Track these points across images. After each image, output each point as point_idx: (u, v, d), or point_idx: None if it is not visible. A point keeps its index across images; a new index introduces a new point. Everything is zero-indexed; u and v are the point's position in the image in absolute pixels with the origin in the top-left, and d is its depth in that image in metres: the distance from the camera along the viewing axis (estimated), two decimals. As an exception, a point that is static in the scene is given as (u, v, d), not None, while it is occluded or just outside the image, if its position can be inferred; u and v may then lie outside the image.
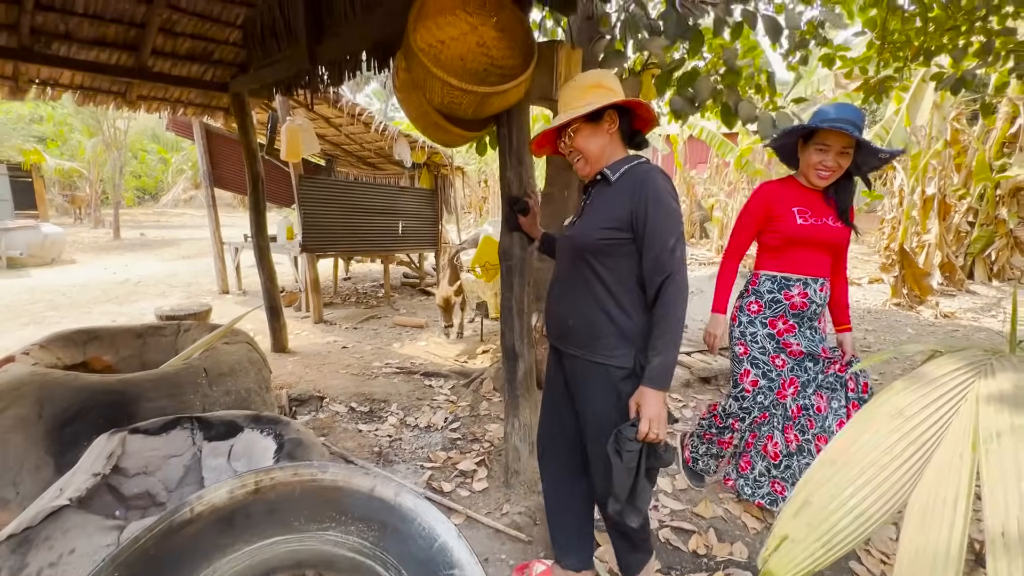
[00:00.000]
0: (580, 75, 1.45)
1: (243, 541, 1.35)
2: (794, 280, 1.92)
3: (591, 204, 1.46)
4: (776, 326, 1.98)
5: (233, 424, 2.06)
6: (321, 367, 3.80)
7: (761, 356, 2.01)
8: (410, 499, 1.48)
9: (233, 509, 1.34)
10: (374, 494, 1.48)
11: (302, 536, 1.42)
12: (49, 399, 2.02)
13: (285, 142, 4.57)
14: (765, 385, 2.03)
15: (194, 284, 7.26)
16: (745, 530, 2.13)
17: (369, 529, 1.46)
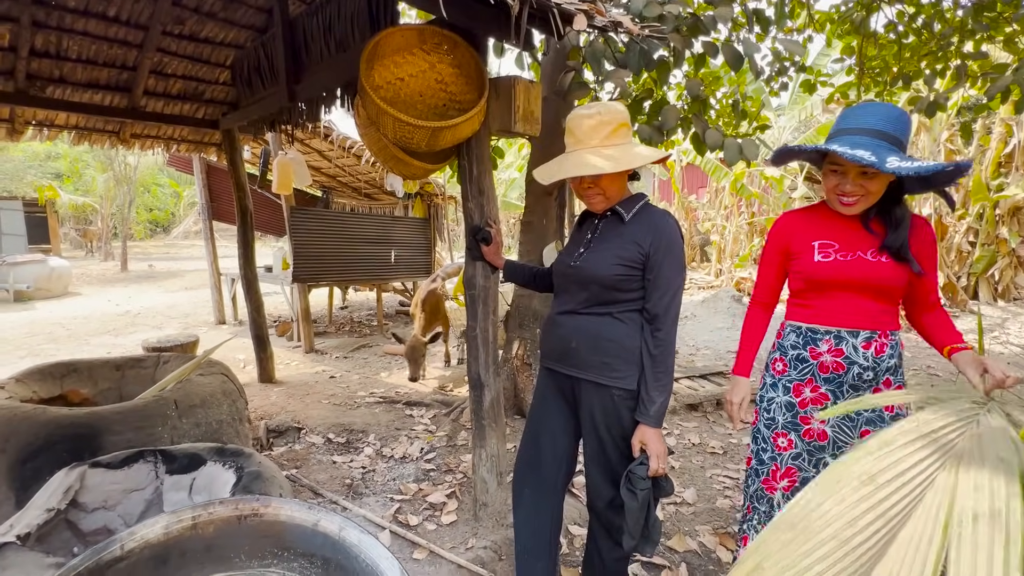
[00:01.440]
0: (599, 107, 1.40)
1: None
2: (821, 333, 1.43)
3: (601, 238, 1.48)
4: (801, 393, 1.48)
5: (196, 456, 2.06)
6: (304, 397, 3.79)
7: (765, 430, 1.56)
8: (355, 534, 1.46)
9: (168, 545, 1.33)
10: (318, 528, 1.46)
11: (243, 574, 1.40)
12: (14, 433, 2.03)
13: (277, 175, 4.69)
14: (754, 468, 1.61)
15: (192, 315, 7.34)
16: (719, 565, 2.06)
17: (312, 565, 1.43)
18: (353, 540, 1.45)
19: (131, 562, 1.26)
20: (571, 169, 1.41)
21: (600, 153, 1.39)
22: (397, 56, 1.96)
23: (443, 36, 1.92)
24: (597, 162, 1.39)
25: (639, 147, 1.46)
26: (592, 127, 1.40)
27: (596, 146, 1.40)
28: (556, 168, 1.46)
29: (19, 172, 15.06)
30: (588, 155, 1.40)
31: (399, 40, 1.89)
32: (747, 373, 1.60)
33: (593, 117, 1.40)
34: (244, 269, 4.02)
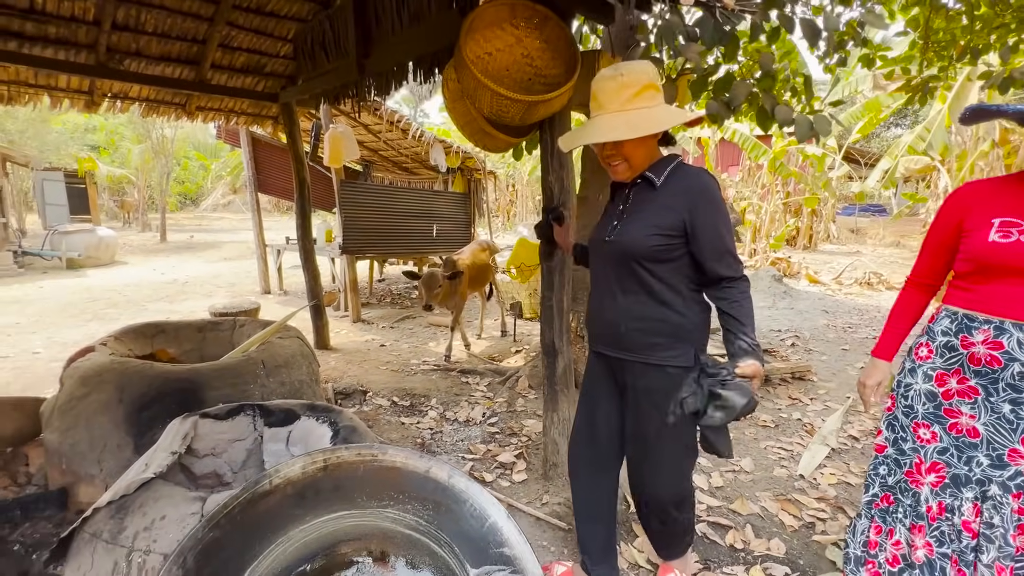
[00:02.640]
0: (623, 68, 1.32)
1: (313, 514, 1.48)
2: (979, 322, 1.30)
3: (633, 208, 1.41)
4: (945, 383, 1.38)
5: (291, 412, 2.22)
6: (361, 363, 3.96)
7: (904, 417, 1.46)
8: (462, 481, 1.59)
9: (305, 484, 1.47)
10: (429, 475, 1.59)
11: (364, 512, 1.54)
12: (129, 384, 2.21)
13: (328, 148, 4.79)
14: (893, 456, 1.51)
15: (237, 284, 7.60)
16: (782, 527, 2.16)
17: (424, 508, 1.57)
18: (461, 487, 1.58)
19: (277, 496, 1.40)
20: (589, 135, 1.34)
21: (619, 118, 1.31)
22: (486, 31, 2.00)
23: (534, 11, 1.96)
24: (613, 127, 1.30)
25: (665, 110, 1.35)
26: (613, 90, 1.31)
27: (617, 110, 1.32)
28: (577, 135, 1.41)
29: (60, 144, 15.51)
30: (607, 120, 1.32)
31: (491, 15, 1.93)
32: (889, 357, 1.51)
33: (615, 79, 1.30)
34: (302, 240, 4.17)
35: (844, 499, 2.38)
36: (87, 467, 2.12)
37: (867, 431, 3.10)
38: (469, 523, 1.54)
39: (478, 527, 1.54)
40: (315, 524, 1.47)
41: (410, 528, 1.55)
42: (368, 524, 1.54)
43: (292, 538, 1.43)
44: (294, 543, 1.43)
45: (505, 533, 1.52)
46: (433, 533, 1.54)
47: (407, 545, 1.55)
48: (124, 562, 1.46)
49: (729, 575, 1.87)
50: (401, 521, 1.56)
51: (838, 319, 5.62)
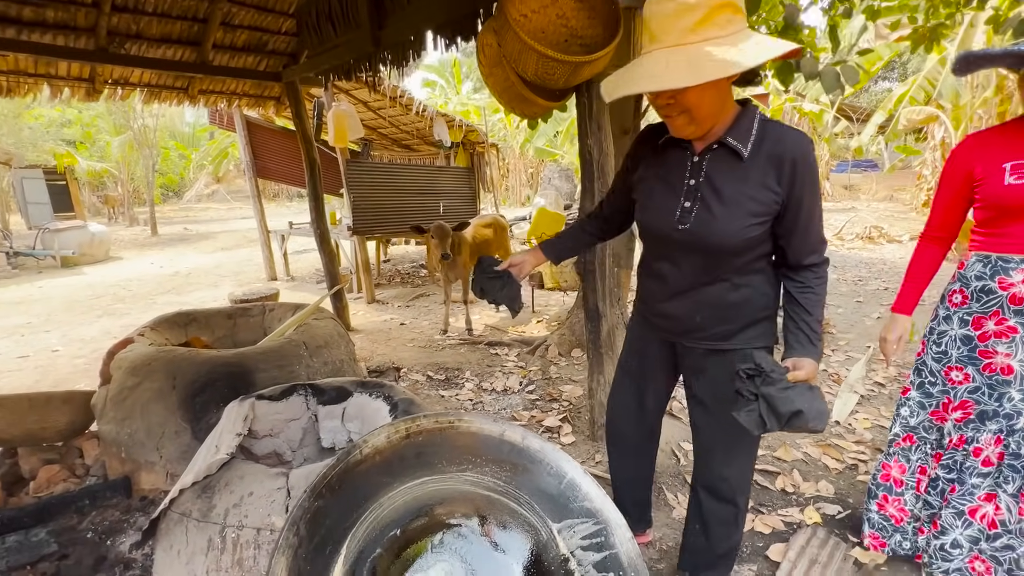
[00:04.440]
0: None
1: (399, 480, 1.52)
2: (1016, 263, 1.34)
3: (715, 185, 1.13)
4: (982, 326, 1.41)
5: (343, 389, 2.24)
6: (387, 342, 3.99)
7: (934, 363, 1.52)
8: (536, 441, 1.63)
9: (391, 452, 1.50)
10: (504, 438, 1.63)
11: (444, 477, 1.58)
12: (179, 372, 2.21)
13: (332, 127, 4.70)
14: (916, 399, 1.59)
15: (241, 273, 7.53)
16: (827, 470, 2.25)
17: (501, 469, 1.61)
18: (536, 447, 1.63)
19: (367, 465, 1.43)
20: (636, 79, 1.01)
21: (678, 54, 0.98)
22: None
23: (570, -32, 1.92)
24: (669, 69, 0.97)
25: (744, 40, 0.98)
26: (671, 14, 0.98)
27: (675, 44, 0.98)
28: (622, 79, 1.06)
29: (35, 140, 15.02)
30: (662, 57, 0.99)
31: (527, -26, 1.89)
32: (909, 311, 1.55)
33: (672, 1, 0.97)
34: (317, 223, 4.12)
35: (880, 441, 2.48)
36: (146, 454, 2.14)
37: (891, 377, 3.19)
38: (547, 481, 1.59)
39: (556, 484, 1.59)
40: (401, 490, 1.51)
41: (489, 489, 1.60)
42: (449, 488, 1.58)
43: (383, 504, 1.47)
44: (385, 509, 1.47)
45: (584, 488, 1.57)
46: (512, 493, 1.59)
47: (487, 505, 1.59)
48: (218, 537, 1.50)
49: (784, 516, 1.95)
50: (480, 483, 1.60)
51: (847, 273, 5.72)
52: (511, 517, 1.58)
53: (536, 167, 17.20)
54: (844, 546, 1.78)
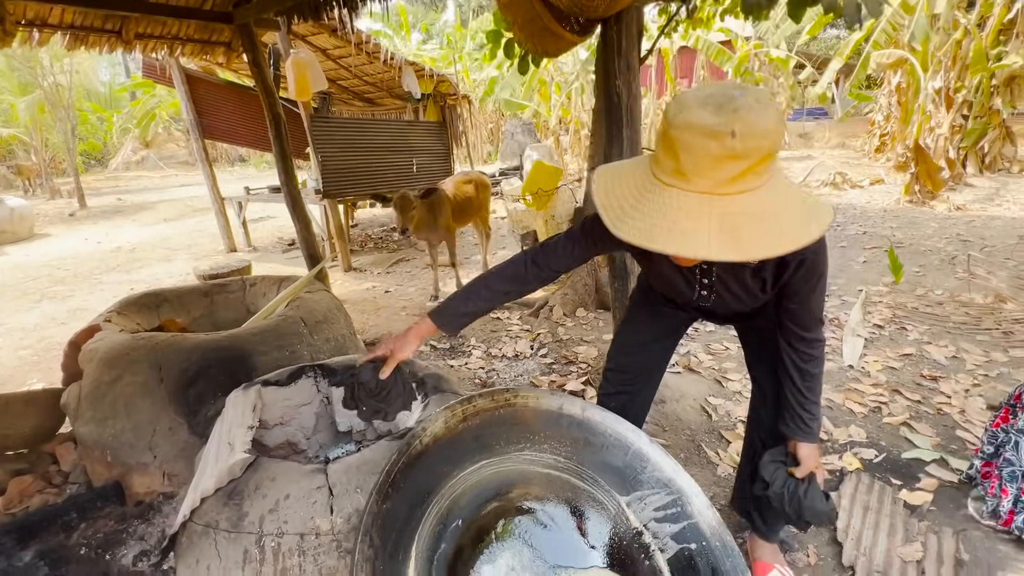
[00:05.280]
0: (737, 121, 0.76)
1: (458, 468, 1.37)
2: None
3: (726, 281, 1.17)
4: None
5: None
6: (377, 312, 3.75)
7: None
8: (597, 413, 1.51)
9: (449, 438, 1.35)
10: (563, 412, 1.50)
11: (503, 459, 1.45)
12: (165, 362, 1.95)
13: (293, 79, 4.21)
14: None
15: (195, 245, 6.93)
16: (853, 415, 2.27)
17: (561, 445, 1.49)
18: (596, 419, 1.51)
19: (428, 453, 1.28)
20: (666, 237, 0.82)
21: (715, 207, 0.81)
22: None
23: None
24: (710, 241, 0.80)
25: (790, 203, 0.85)
26: (712, 158, 0.79)
27: (710, 191, 0.81)
28: (641, 227, 0.85)
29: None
30: (694, 206, 0.82)
31: None
32: None
33: (719, 139, 0.77)
34: (287, 186, 3.73)
35: (895, 382, 2.52)
36: (137, 455, 1.89)
37: (887, 319, 3.27)
38: (611, 453, 1.49)
39: (621, 456, 1.48)
40: (461, 478, 1.37)
41: (549, 467, 1.48)
42: (509, 469, 1.45)
43: (444, 495, 1.33)
44: (446, 499, 1.33)
45: (652, 458, 1.48)
46: (574, 468, 1.48)
47: (546, 484, 1.48)
48: (255, 548, 1.31)
49: (826, 464, 1.95)
50: (539, 461, 1.48)
51: (824, 219, 5.81)
52: (574, 494, 1.47)
53: (496, 122, 16.60)
54: (890, 490, 1.79)
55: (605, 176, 0.96)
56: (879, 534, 1.59)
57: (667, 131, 0.82)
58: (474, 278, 1.31)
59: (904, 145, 7.46)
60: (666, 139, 0.83)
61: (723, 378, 2.59)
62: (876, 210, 6.34)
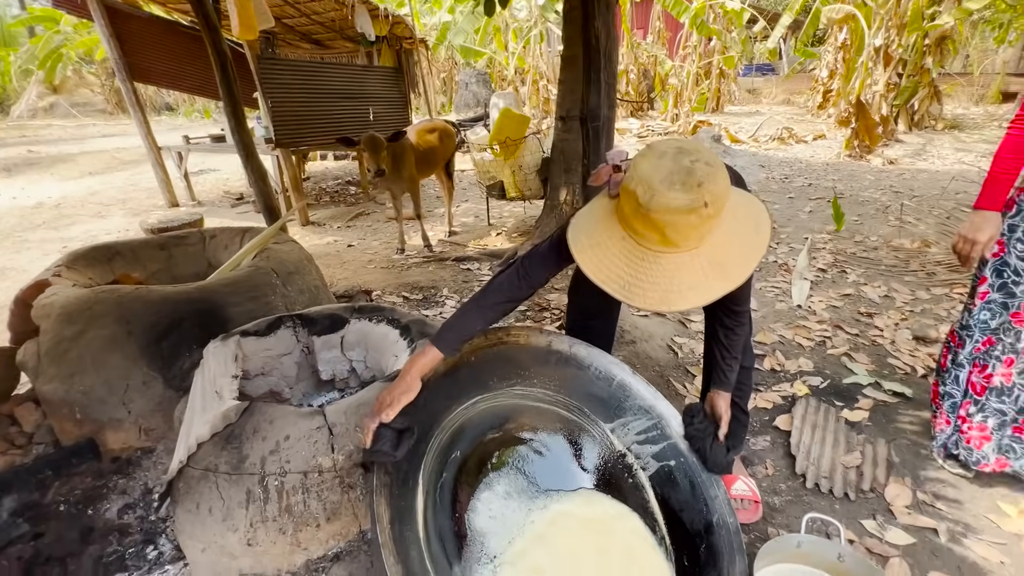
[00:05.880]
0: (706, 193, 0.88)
1: (456, 403, 1.43)
2: None
3: None
4: None
5: (337, 317, 2.03)
6: (342, 266, 3.67)
7: (1019, 261, 1.46)
8: (583, 349, 1.60)
9: (447, 375, 1.39)
10: (552, 348, 1.58)
11: (495, 394, 1.52)
12: (132, 315, 1.87)
13: (236, 15, 3.84)
14: (998, 301, 1.52)
15: (129, 200, 6.40)
16: (802, 348, 2.50)
17: (550, 380, 1.57)
18: (583, 354, 1.60)
19: (428, 388, 1.30)
20: (685, 301, 0.96)
21: (700, 259, 0.95)
22: None
23: None
24: (705, 280, 0.95)
25: (742, 228, 0.99)
26: (693, 225, 0.91)
27: (694, 248, 0.95)
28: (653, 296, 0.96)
29: None
30: (686, 264, 0.95)
31: None
32: (1000, 206, 1.42)
33: (696, 212, 0.88)
34: (238, 132, 3.50)
35: (837, 318, 2.78)
36: (110, 412, 1.84)
37: (830, 263, 3.54)
38: (596, 385, 1.58)
39: (606, 387, 1.59)
40: (458, 413, 1.44)
41: (539, 400, 1.57)
42: (501, 404, 1.53)
43: (444, 429, 1.39)
44: (446, 433, 1.40)
45: (634, 387, 1.58)
46: (562, 401, 1.57)
47: (536, 415, 1.57)
48: (258, 488, 1.34)
49: (779, 392, 2.15)
50: (529, 395, 1.56)
51: (774, 172, 6.13)
52: (563, 424, 1.57)
53: (449, 71, 15.92)
54: (834, 410, 2.01)
55: (584, 252, 1.02)
56: (825, 446, 1.80)
57: (647, 215, 0.91)
58: (467, 300, 1.29)
59: (847, 101, 7.79)
60: (647, 220, 0.92)
61: (687, 320, 2.75)
62: (819, 164, 6.69)
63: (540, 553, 1.24)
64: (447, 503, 1.27)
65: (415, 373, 1.19)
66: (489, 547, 1.26)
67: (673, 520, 1.36)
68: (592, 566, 1.23)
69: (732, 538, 1.26)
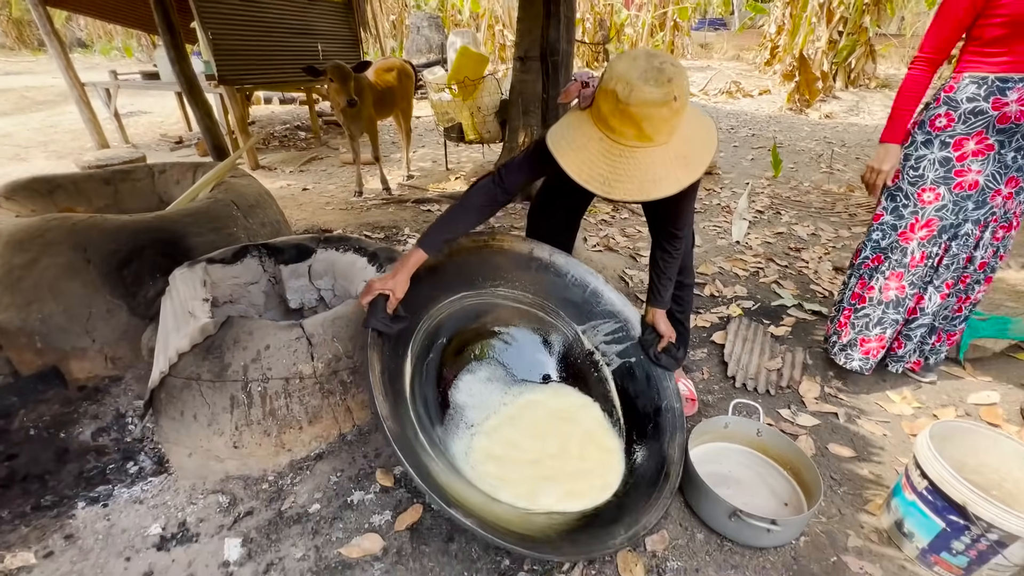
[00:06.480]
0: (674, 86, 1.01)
1: (444, 294, 1.55)
2: (1015, 82, 1.39)
3: None
4: (962, 147, 1.50)
5: (303, 247, 2.08)
6: (300, 207, 3.61)
7: (909, 186, 1.61)
8: (561, 258, 1.73)
9: (436, 266, 1.49)
10: (533, 255, 1.71)
11: (480, 292, 1.64)
12: (89, 244, 1.85)
13: (164, -69, 3.51)
14: (889, 223, 1.68)
15: (52, 143, 5.87)
16: (738, 278, 2.75)
17: (530, 284, 1.71)
18: (561, 262, 1.73)
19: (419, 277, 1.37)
20: (659, 191, 1.08)
21: (669, 153, 1.09)
22: None
23: None
24: (673, 172, 1.09)
25: (698, 125, 1.16)
26: (666, 117, 1.04)
27: (666, 142, 1.09)
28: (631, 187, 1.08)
29: None
30: (659, 157, 1.08)
31: None
32: (901, 139, 1.57)
33: (667, 104, 1.01)
34: (178, 64, 3.29)
35: (770, 252, 3.05)
36: (73, 340, 1.84)
37: (767, 206, 3.82)
38: (572, 291, 1.73)
39: (580, 293, 1.74)
40: (445, 304, 1.55)
41: (519, 302, 1.70)
42: (483, 302, 1.65)
43: (432, 316, 1.51)
44: (434, 320, 1.52)
45: (606, 295, 1.74)
46: (540, 303, 1.71)
47: (516, 315, 1.70)
48: (242, 393, 1.43)
49: (717, 313, 2.40)
50: (511, 297, 1.69)
51: (722, 123, 6.36)
52: (540, 324, 1.72)
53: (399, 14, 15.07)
54: (762, 327, 2.27)
55: (566, 155, 1.12)
56: (752, 355, 2.06)
57: (627, 109, 1.02)
58: (450, 206, 1.37)
59: (792, 56, 8.08)
60: (625, 115, 1.04)
61: (637, 255, 2.95)
62: (763, 116, 7.00)
63: (512, 429, 1.41)
64: (432, 378, 1.41)
65: (404, 272, 1.28)
66: (467, 418, 1.42)
67: (629, 405, 1.56)
68: (555, 443, 1.41)
69: (676, 420, 1.47)
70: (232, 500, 1.41)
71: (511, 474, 1.31)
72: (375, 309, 1.24)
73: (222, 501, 1.40)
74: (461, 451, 1.35)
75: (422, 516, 1.32)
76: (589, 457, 1.41)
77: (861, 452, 1.61)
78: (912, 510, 1.26)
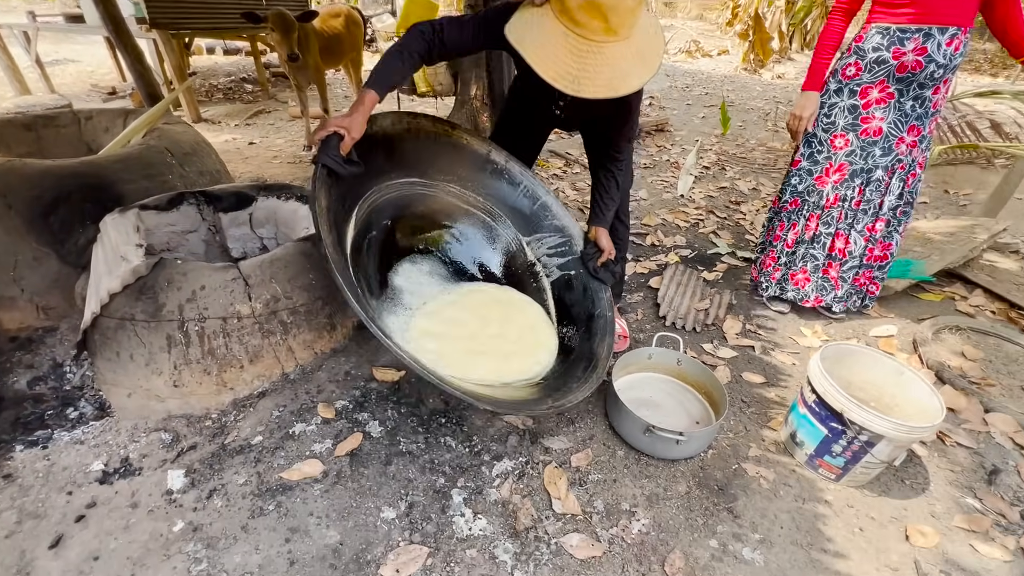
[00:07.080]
0: None
1: (397, 171, 1.57)
2: (912, 32, 1.52)
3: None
4: (867, 95, 1.64)
5: (243, 195, 2.06)
6: (245, 161, 3.50)
7: (823, 133, 1.75)
8: (516, 167, 1.78)
9: (392, 136, 1.51)
10: (489, 157, 1.75)
11: (432, 184, 1.68)
12: (8, 189, 1.78)
13: None
14: (806, 168, 1.83)
15: (-34, 92, 5.40)
16: (679, 229, 2.87)
17: (483, 187, 1.75)
18: (516, 170, 1.78)
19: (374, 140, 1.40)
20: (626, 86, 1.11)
21: (630, 48, 1.12)
22: None
23: None
24: (634, 66, 1.12)
25: (650, 22, 1.18)
26: (630, 10, 1.07)
27: (628, 37, 1.11)
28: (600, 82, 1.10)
29: None
30: (620, 51, 1.11)
31: None
32: (820, 87, 1.69)
33: None
34: (104, 4, 3.08)
35: (711, 205, 3.19)
36: (0, 289, 1.77)
37: (714, 162, 3.95)
38: (522, 202, 1.79)
39: (530, 205, 1.79)
40: (395, 184, 1.57)
41: (470, 204, 1.75)
42: (432, 196, 1.68)
43: (382, 191, 1.53)
44: (383, 196, 1.54)
45: (554, 209, 1.79)
46: (488, 208, 1.76)
47: (463, 216, 1.75)
48: (179, 333, 1.45)
49: (656, 261, 2.52)
50: (462, 197, 1.73)
51: (677, 81, 6.41)
52: (486, 228, 1.77)
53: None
54: (696, 272, 2.41)
55: (530, 50, 1.11)
56: (684, 298, 2.19)
57: (594, 1, 1.04)
58: (387, 49, 1.32)
59: (749, 15, 8.12)
60: (592, 7, 1.05)
61: (585, 208, 3.03)
62: (719, 76, 7.08)
63: (454, 311, 1.50)
64: (374, 254, 1.45)
65: (360, 113, 1.24)
66: (405, 301, 1.50)
67: (564, 313, 1.67)
68: (497, 326, 1.50)
69: (607, 325, 1.57)
70: (175, 437, 1.45)
71: (447, 348, 1.38)
72: (328, 147, 1.19)
73: (164, 438, 1.44)
74: (398, 327, 1.40)
75: (362, 443, 1.40)
76: (525, 341, 1.50)
77: (771, 379, 1.77)
78: (803, 421, 1.42)
